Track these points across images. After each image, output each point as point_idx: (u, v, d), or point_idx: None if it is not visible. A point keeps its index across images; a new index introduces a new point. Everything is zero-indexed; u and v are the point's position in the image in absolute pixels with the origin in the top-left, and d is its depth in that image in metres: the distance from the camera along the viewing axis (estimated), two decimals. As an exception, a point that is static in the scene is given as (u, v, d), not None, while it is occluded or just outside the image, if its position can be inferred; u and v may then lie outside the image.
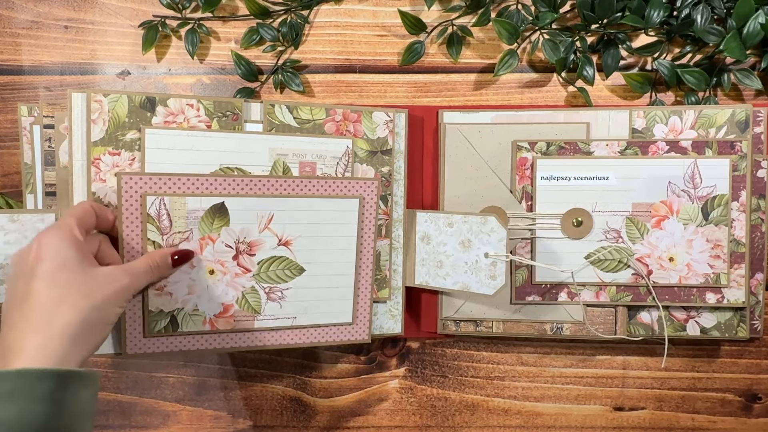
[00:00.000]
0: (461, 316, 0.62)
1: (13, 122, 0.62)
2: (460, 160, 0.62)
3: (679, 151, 0.60)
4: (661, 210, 0.60)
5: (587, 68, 0.63)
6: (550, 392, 0.67)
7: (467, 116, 0.62)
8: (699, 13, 0.61)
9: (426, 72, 0.65)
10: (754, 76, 0.61)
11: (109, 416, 0.65)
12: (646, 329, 0.61)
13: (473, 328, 0.63)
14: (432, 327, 0.64)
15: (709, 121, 0.60)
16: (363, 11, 0.65)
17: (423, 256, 0.61)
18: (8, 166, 0.63)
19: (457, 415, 0.67)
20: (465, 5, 0.63)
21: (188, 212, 0.52)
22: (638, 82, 0.63)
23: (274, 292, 0.56)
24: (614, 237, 0.60)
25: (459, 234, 0.59)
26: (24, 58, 0.62)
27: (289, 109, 0.57)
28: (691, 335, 0.61)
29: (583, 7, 0.61)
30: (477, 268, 0.58)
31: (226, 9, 0.64)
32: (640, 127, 0.61)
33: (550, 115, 0.61)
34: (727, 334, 0.61)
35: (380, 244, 0.60)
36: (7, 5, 0.62)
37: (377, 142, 0.60)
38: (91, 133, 0.52)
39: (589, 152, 0.60)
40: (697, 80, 0.61)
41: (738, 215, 0.59)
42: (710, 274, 0.59)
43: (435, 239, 0.60)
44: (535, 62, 0.65)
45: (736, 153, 0.59)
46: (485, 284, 0.58)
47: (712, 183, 0.59)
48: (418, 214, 0.61)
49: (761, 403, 0.66)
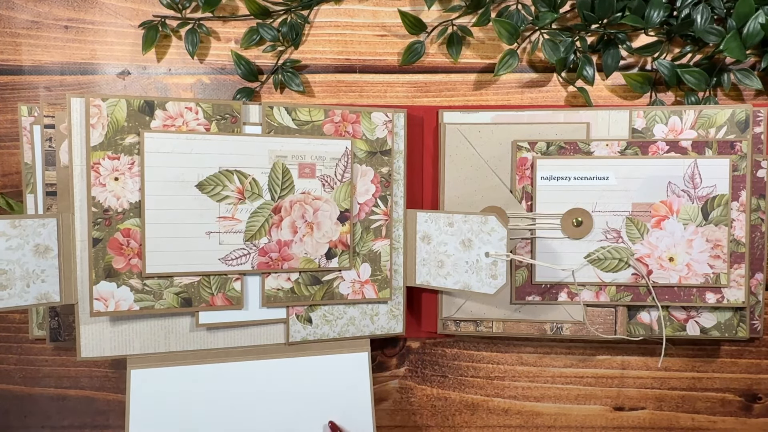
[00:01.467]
0: (461, 316, 0.62)
1: (13, 122, 0.62)
2: (460, 160, 0.62)
3: (679, 151, 0.60)
4: (661, 210, 0.60)
5: (587, 68, 0.63)
6: (550, 392, 0.67)
7: (467, 116, 0.62)
8: (699, 13, 0.61)
9: (426, 72, 0.65)
10: (754, 76, 0.61)
11: (109, 416, 0.65)
12: (645, 329, 0.61)
13: (473, 328, 0.63)
14: (432, 327, 0.64)
15: (709, 121, 0.60)
16: (363, 11, 0.65)
17: (424, 255, 0.61)
18: (8, 166, 0.63)
19: (457, 415, 0.67)
20: (465, 5, 0.63)
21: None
22: (638, 82, 0.63)
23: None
24: (614, 237, 0.60)
25: (460, 234, 0.59)
26: (24, 58, 0.62)
27: (288, 110, 0.57)
28: (691, 335, 0.61)
29: (583, 7, 0.61)
30: (478, 267, 0.58)
31: (226, 9, 0.64)
32: (640, 127, 0.61)
33: (550, 115, 0.61)
34: (727, 334, 0.61)
35: (380, 245, 0.60)
36: (7, 5, 0.62)
37: (376, 142, 0.60)
38: (90, 137, 0.52)
39: (589, 152, 0.60)
40: (697, 80, 0.61)
41: (738, 215, 0.59)
42: (710, 274, 0.59)
43: (435, 239, 0.60)
44: (535, 62, 0.65)
45: (736, 153, 0.59)
46: (486, 283, 0.58)
47: (712, 183, 0.59)
48: (419, 214, 0.61)
49: (761, 403, 0.66)
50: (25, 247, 0.50)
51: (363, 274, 0.60)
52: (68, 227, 0.52)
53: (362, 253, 0.59)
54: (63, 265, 0.52)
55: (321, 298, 0.58)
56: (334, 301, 0.59)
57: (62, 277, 0.52)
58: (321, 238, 0.58)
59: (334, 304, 0.59)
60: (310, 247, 0.58)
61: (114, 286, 0.53)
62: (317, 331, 0.59)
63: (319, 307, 0.59)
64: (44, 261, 0.51)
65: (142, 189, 0.53)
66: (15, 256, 0.50)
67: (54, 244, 0.52)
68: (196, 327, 0.55)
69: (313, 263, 0.58)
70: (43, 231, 0.51)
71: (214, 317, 0.55)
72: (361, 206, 0.59)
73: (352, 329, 0.60)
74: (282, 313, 0.57)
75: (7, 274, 0.49)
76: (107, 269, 0.52)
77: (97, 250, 0.52)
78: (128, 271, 0.53)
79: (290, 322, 0.58)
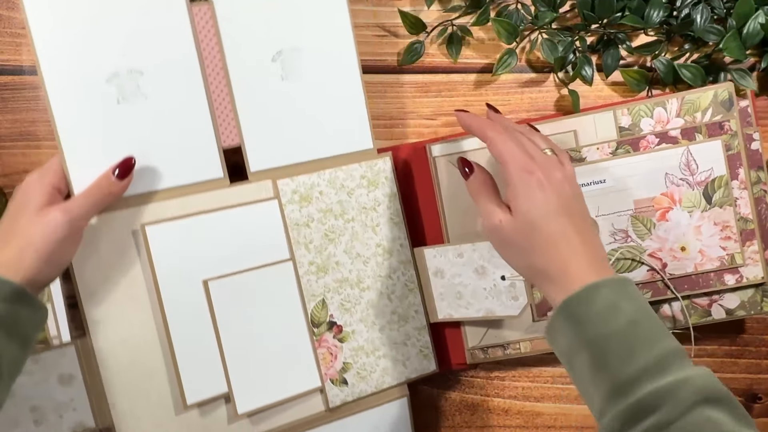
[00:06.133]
0: (488, 342, 0.63)
1: (14, 122, 0.61)
2: (456, 189, 0.62)
3: (670, 141, 0.60)
4: (664, 202, 0.60)
5: (586, 68, 0.63)
6: (550, 392, 0.67)
7: (456, 145, 0.62)
8: (699, 13, 0.61)
9: (426, 72, 0.65)
10: (749, 77, 0.61)
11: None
12: (671, 321, 0.62)
13: (501, 352, 0.63)
14: (461, 358, 0.64)
15: (694, 105, 0.60)
16: (363, 11, 0.65)
17: (440, 290, 0.62)
18: (8, 166, 0.62)
19: (457, 415, 0.67)
20: (465, 5, 0.63)
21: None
22: (635, 79, 0.63)
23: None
24: (622, 237, 0.60)
25: (471, 263, 0.59)
26: (24, 58, 0.61)
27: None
28: (717, 319, 0.61)
29: (583, 6, 0.61)
30: (496, 291, 0.58)
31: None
32: (627, 125, 0.61)
33: (536, 130, 0.62)
34: (753, 311, 0.61)
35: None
36: (8, 5, 0.61)
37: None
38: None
39: (581, 159, 0.60)
40: (693, 75, 0.61)
41: (740, 193, 0.59)
42: (724, 256, 0.60)
43: (448, 272, 0.61)
44: (534, 62, 0.65)
45: (726, 133, 0.59)
46: (508, 306, 0.58)
47: (708, 166, 0.59)
48: (426, 251, 0.62)
49: (761, 403, 0.66)
50: (50, 380, 0.51)
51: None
52: (88, 351, 0.53)
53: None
54: (90, 389, 0.52)
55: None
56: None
57: (93, 401, 0.52)
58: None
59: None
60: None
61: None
62: (354, 390, 0.59)
63: (351, 366, 0.59)
64: (71, 389, 0.52)
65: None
66: (42, 390, 0.50)
67: (77, 371, 0.52)
68: (235, 417, 0.55)
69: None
70: (64, 360, 0.51)
71: (251, 402, 0.55)
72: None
73: (387, 379, 0.60)
74: (316, 381, 0.58)
75: (39, 410, 0.50)
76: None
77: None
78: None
79: (326, 388, 0.58)
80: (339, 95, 0.58)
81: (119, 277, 0.53)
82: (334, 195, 0.58)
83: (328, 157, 0.59)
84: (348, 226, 0.59)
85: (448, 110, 0.66)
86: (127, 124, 0.52)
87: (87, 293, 0.52)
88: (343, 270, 0.59)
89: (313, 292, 0.58)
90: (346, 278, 0.59)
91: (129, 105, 0.52)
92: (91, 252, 0.52)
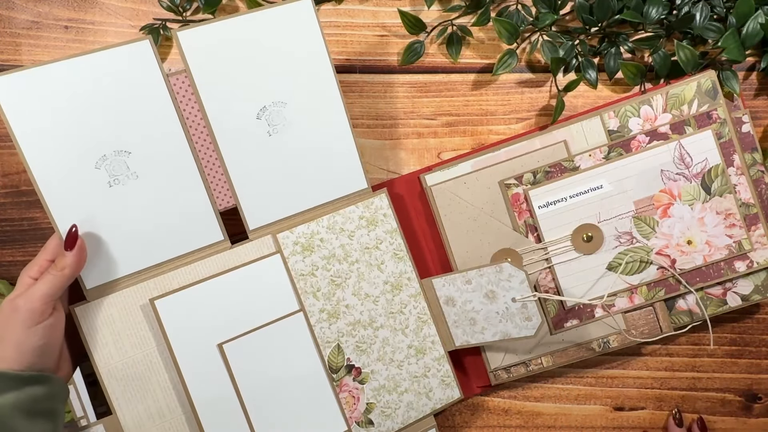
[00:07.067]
0: (509, 361, 0.62)
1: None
2: (455, 216, 0.62)
3: (660, 137, 0.60)
4: (663, 199, 0.60)
5: (590, 72, 0.63)
6: (550, 392, 0.67)
7: (448, 172, 0.62)
8: (698, 11, 0.61)
9: (426, 72, 0.65)
10: (736, 80, 0.61)
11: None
12: (688, 315, 0.61)
13: (524, 370, 0.63)
14: (485, 380, 0.64)
15: (679, 99, 0.60)
16: (363, 11, 0.65)
17: (453, 318, 0.62)
18: (8, 166, 0.62)
19: (457, 415, 0.66)
20: (465, 5, 0.64)
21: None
22: (632, 72, 0.62)
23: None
24: (628, 239, 0.60)
25: (480, 288, 0.59)
26: (24, 58, 0.62)
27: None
28: (734, 306, 0.61)
29: (581, 11, 0.61)
30: (509, 314, 0.58)
31: (227, 9, 0.63)
32: (616, 127, 0.61)
33: (526, 145, 0.62)
34: (767, 294, 0.60)
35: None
36: (7, 5, 0.61)
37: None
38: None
39: (575, 168, 0.60)
40: (686, 58, 0.60)
41: (738, 179, 0.59)
42: (732, 244, 0.59)
43: (459, 299, 0.61)
44: (534, 62, 0.65)
45: (715, 121, 0.59)
46: (523, 327, 0.58)
47: (703, 157, 0.59)
48: (434, 281, 0.62)
49: (761, 403, 0.66)
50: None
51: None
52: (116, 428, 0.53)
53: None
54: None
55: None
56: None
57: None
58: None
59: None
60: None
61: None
62: (381, 429, 0.59)
63: (375, 406, 0.59)
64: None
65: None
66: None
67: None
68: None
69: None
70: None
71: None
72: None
73: (413, 414, 0.60)
74: (342, 426, 0.58)
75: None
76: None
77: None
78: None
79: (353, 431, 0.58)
80: (327, 140, 0.59)
81: (135, 351, 0.54)
82: (335, 240, 0.59)
83: (325, 203, 0.59)
84: (353, 269, 0.59)
85: (448, 110, 0.66)
86: (121, 205, 0.53)
87: (106, 371, 0.53)
88: (354, 312, 0.59)
89: (327, 338, 0.58)
90: (358, 320, 0.59)
91: (121, 186, 0.53)
92: (105, 330, 0.53)
